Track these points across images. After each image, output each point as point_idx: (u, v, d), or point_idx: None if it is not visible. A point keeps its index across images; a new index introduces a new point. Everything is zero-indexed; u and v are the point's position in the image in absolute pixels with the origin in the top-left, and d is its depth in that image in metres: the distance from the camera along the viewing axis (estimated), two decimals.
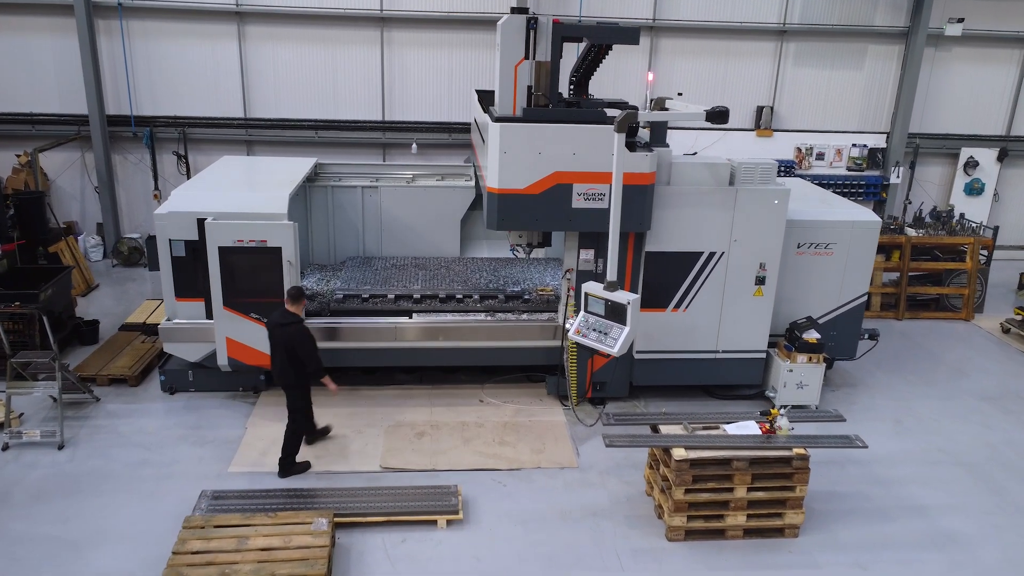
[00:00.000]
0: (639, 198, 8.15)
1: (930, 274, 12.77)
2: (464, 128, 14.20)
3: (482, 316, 9.22)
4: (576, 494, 7.59)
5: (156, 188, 13.98)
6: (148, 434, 8.41)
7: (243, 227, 8.28)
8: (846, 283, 9.48)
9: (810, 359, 9.12)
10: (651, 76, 7.70)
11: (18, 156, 13.55)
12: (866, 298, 9.62)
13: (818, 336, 9.11)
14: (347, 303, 9.23)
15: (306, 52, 13.80)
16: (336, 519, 6.76)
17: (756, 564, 6.72)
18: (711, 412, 7.43)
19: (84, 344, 10.53)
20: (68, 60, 13.36)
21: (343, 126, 14.19)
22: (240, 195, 8.97)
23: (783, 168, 14.08)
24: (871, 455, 8.26)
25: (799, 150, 14.82)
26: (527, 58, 8.18)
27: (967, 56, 14.78)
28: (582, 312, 7.97)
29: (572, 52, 9.19)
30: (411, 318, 9.10)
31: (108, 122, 13.70)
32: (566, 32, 8.26)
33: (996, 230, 13.43)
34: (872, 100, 14.90)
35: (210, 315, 8.64)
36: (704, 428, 7.16)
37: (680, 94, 13.33)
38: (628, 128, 7.38)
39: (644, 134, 8.96)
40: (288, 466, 7.70)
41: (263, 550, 6.23)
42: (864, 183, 14.93)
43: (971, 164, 15.18)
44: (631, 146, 8.00)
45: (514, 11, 9.69)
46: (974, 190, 15.30)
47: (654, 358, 9.09)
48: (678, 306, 8.94)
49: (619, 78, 14.08)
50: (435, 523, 7.00)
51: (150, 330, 10.46)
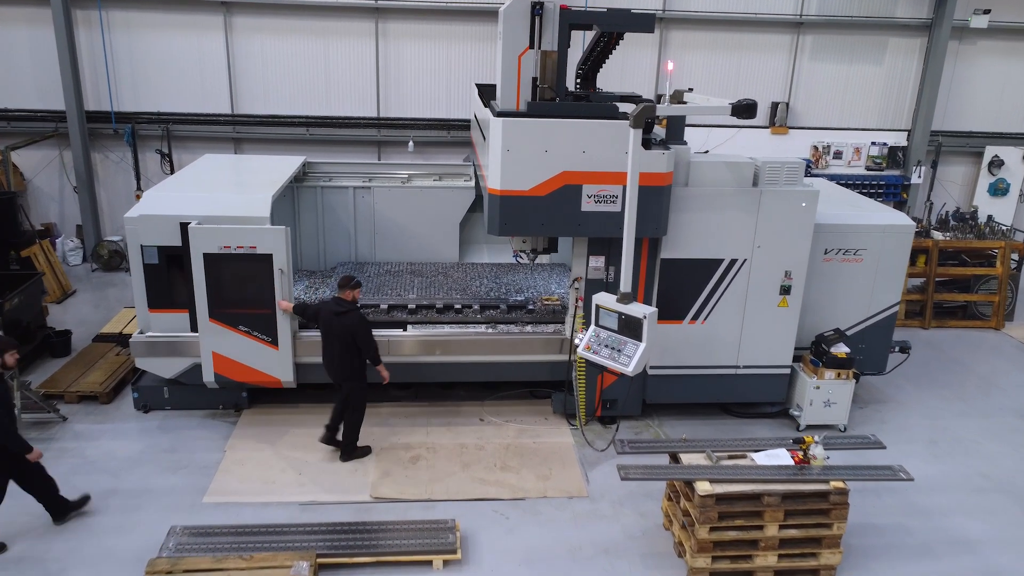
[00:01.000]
0: (655, 200, 7.43)
1: (956, 280, 12.06)
2: (464, 125, 13.47)
3: (483, 328, 8.49)
4: (586, 528, 6.87)
5: (139, 188, 13.25)
6: (117, 458, 7.69)
7: (230, 232, 7.59)
8: (876, 292, 8.77)
9: (838, 375, 8.40)
10: (671, 65, 6.96)
11: None
12: (898, 308, 8.90)
13: (847, 350, 8.40)
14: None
15: (297, 45, 13.07)
16: (319, 560, 6.05)
17: None
18: (737, 439, 6.71)
19: (56, 356, 9.81)
20: (44, 53, 12.64)
21: (336, 123, 13.47)
22: (219, 197, 8.24)
23: None
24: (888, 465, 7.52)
25: (816, 148, 14.10)
26: (532, 47, 7.45)
27: (993, 49, 14.06)
28: (592, 326, 7.25)
29: (577, 43, 8.46)
30: (406, 330, 8.37)
31: (87, 118, 12.98)
32: (574, 19, 7.55)
33: None
34: (892, 96, 14.17)
35: (194, 327, 7.95)
36: (730, 457, 6.44)
37: (691, 89, 12.58)
38: (644, 124, 6.68)
39: (659, 131, 8.23)
40: (351, 451, 7.71)
41: None
42: (884, 183, 14.21)
43: (996, 163, 14.46)
44: (646, 143, 7.28)
45: None
46: (999, 191, 14.58)
47: (669, 374, 8.37)
48: (696, 318, 8.22)
49: (626, 72, 13.37)
50: (430, 564, 6.28)
51: (126, 341, 9.69)
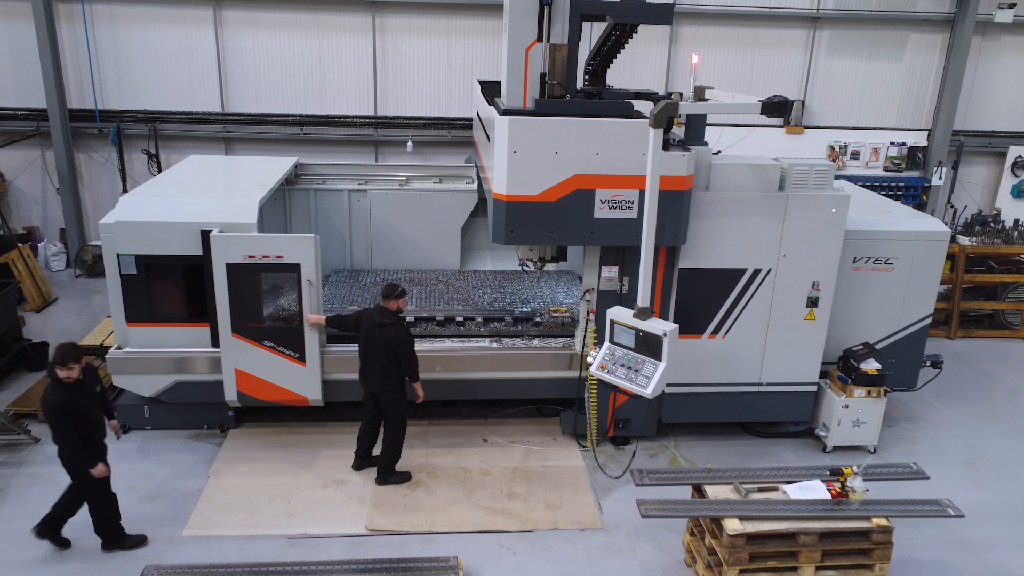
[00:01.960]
0: (674, 206, 6.85)
1: (981, 287, 11.47)
2: (465, 124, 12.88)
3: (487, 342, 7.91)
4: (601, 565, 6.28)
5: (125, 190, 12.64)
6: None
7: (255, 240, 7.07)
8: (908, 303, 8.19)
9: (869, 393, 7.82)
10: (695, 59, 6.39)
11: None
12: (930, 320, 8.32)
13: (878, 366, 7.82)
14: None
15: (290, 40, 12.47)
16: None
17: None
18: (767, 468, 6.13)
19: (32, 370, 9.23)
20: (24, 48, 12.03)
21: (331, 122, 12.86)
22: (202, 201, 7.67)
23: None
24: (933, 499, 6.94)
25: (832, 148, 13.51)
26: (540, 40, 6.87)
27: (1018, 46, 13.46)
28: (607, 343, 6.67)
29: (585, 37, 7.88)
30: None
31: (70, 117, 12.36)
32: (587, 10, 6.97)
33: None
34: (912, 94, 13.58)
35: (216, 343, 7.41)
36: (760, 490, 5.87)
37: (695, 87, 12.03)
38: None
39: (676, 131, 7.65)
40: (387, 473, 7.20)
41: None
42: (903, 185, 13.61)
43: (1020, 164, 13.86)
44: (664, 144, 6.68)
45: None
46: (1022, 193, 13.99)
47: (687, 392, 7.79)
48: (716, 332, 7.64)
49: (635, 69, 12.78)
50: None
51: (106, 353, 9.14)
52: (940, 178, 13.57)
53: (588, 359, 6.79)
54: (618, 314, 6.56)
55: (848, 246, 7.71)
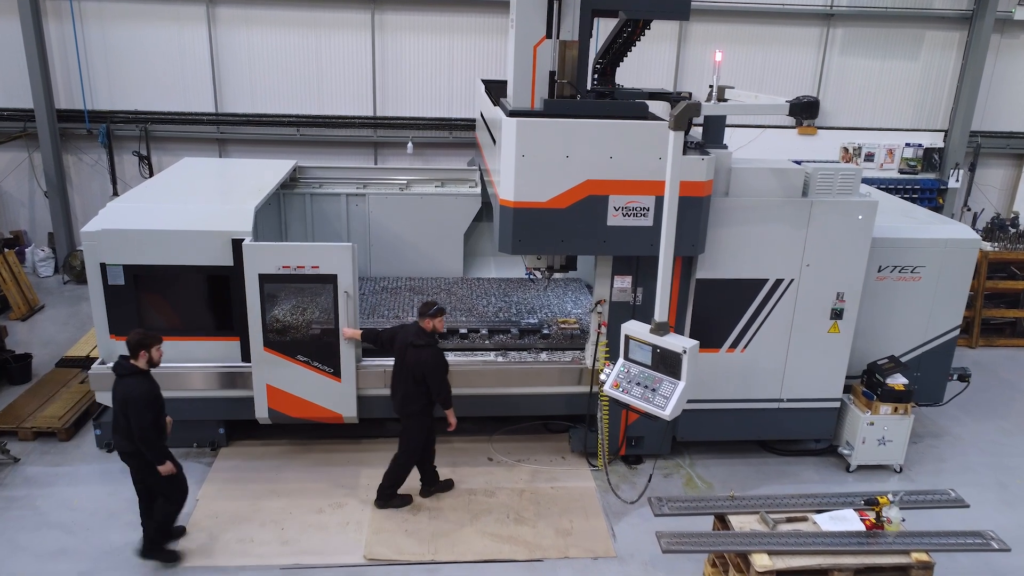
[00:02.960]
0: (692, 213, 6.43)
1: (1003, 294, 11.07)
2: (467, 125, 12.45)
3: (491, 356, 7.49)
4: None
5: (115, 193, 12.22)
6: (72, 509, 6.69)
7: (290, 250, 6.69)
8: (935, 314, 7.79)
9: (895, 409, 7.41)
10: (719, 56, 5.97)
11: None
12: (958, 332, 7.92)
13: (905, 382, 7.41)
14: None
15: (286, 38, 12.04)
16: None
17: None
18: (794, 496, 5.71)
19: (14, 383, 8.81)
20: (10, 46, 11.59)
21: (329, 123, 12.44)
22: (194, 207, 7.25)
23: None
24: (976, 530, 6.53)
25: (846, 150, 13.10)
26: (549, 37, 6.46)
27: None
28: (621, 360, 6.26)
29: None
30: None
31: (58, 117, 11.93)
32: (598, 4, 6.58)
33: None
34: (928, 94, 13.16)
35: (246, 357, 7.01)
36: (788, 520, 5.45)
37: (712, 86, 11.62)
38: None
39: (693, 133, 7.25)
40: (387, 497, 6.79)
41: None
42: (918, 187, 13.19)
43: None
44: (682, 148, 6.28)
45: None
46: None
47: (704, 408, 7.37)
48: (735, 346, 7.23)
49: (642, 68, 12.35)
50: None
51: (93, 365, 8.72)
52: (957, 180, 13.16)
53: (601, 376, 6.38)
54: (633, 329, 6.15)
55: (873, 254, 7.29)
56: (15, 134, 11.98)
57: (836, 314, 7.20)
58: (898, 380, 7.41)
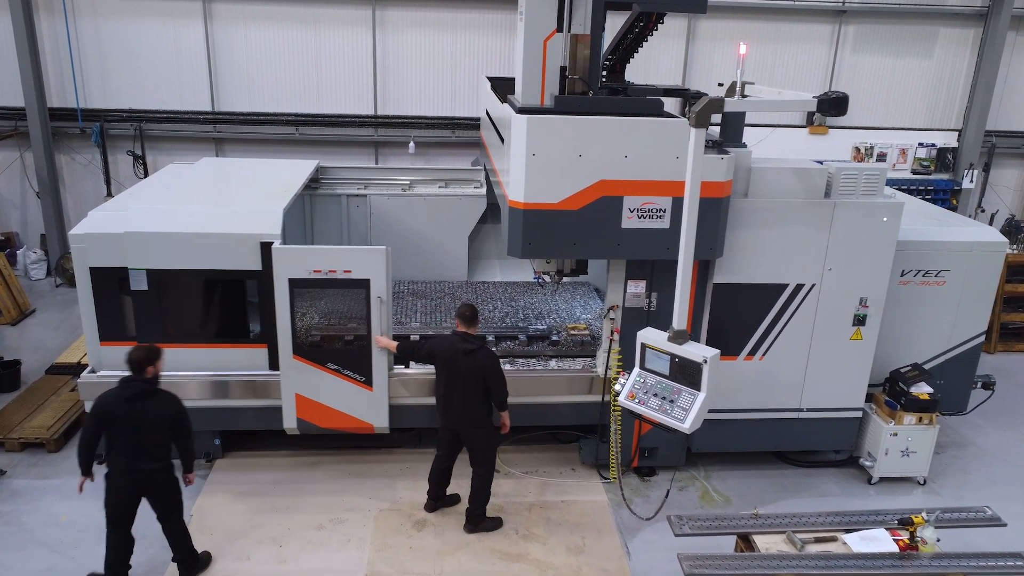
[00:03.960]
0: (711, 215, 6.12)
1: (1019, 298, 10.77)
2: (470, 124, 12.15)
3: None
4: None
5: (109, 193, 11.92)
6: (60, 525, 6.38)
7: (322, 254, 6.43)
8: (960, 320, 7.50)
9: (920, 420, 7.11)
10: (744, 48, 5.67)
11: None
12: (983, 339, 7.62)
13: (930, 391, 7.11)
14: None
15: (285, 34, 11.73)
16: None
17: None
18: (821, 514, 5.42)
19: (3, 391, 8.48)
20: (1, 42, 11.28)
21: (328, 121, 12.13)
22: (218, 209, 6.94)
23: None
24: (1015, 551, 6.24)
25: (857, 150, 12.80)
26: (560, 31, 6.16)
27: None
28: (637, 369, 5.95)
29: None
30: (408, 366, 7.04)
31: (50, 116, 11.62)
32: None
33: None
34: (942, 92, 12.87)
35: (274, 365, 6.72)
36: (817, 540, 5.15)
37: (720, 85, 11.33)
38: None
39: (711, 131, 6.93)
40: (477, 519, 6.43)
41: None
42: (931, 188, 12.90)
43: None
44: None
45: None
46: None
47: (720, 418, 7.07)
48: (753, 353, 6.93)
49: (649, 67, 12.05)
50: None
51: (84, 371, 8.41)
52: (971, 181, 12.87)
53: (616, 386, 6.08)
54: (650, 337, 5.84)
55: (896, 258, 6.97)
56: (6, 133, 11.68)
57: (859, 320, 6.91)
58: (923, 389, 7.10)
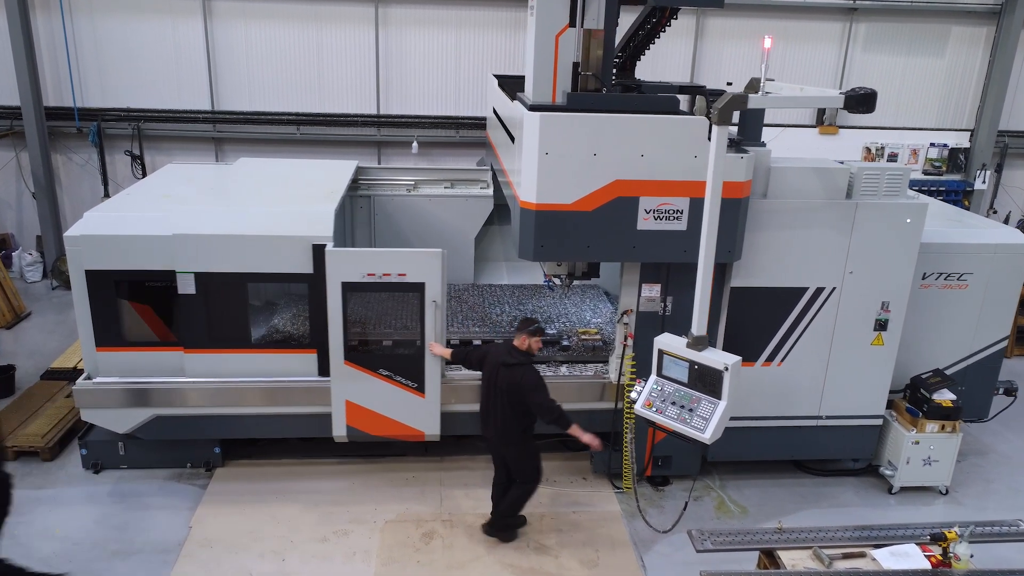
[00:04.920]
0: (730, 216, 5.90)
1: None
2: (474, 124, 11.92)
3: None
4: None
5: (106, 194, 11.68)
6: (55, 538, 6.15)
7: (376, 257, 6.29)
8: (982, 324, 7.29)
9: (942, 427, 6.90)
10: (768, 42, 5.44)
11: None
12: (1006, 344, 7.41)
13: (953, 397, 6.89)
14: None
15: (286, 32, 11.50)
16: None
17: None
18: (848, 528, 5.19)
19: None
20: None
21: (330, 121, 11.90)
22: (266, 210, 6.70)
23: None
24: None
25: (868, 150, 12.59)
26: (572, 25, 5.94)
27: None
28: (654, 376, 5.75)
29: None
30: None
31: (46, 115, 11.37)
32: None
33: None
34: (954, 92, 12.66)
35: (324, 371, 6.57)
36: (844, 556, 4.93)
37: (730, 84, 11.13)
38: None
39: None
40: (500, 527, 6.26)
41: None
42: (943, 189, 12.68)
43: None
44: None
45: None
46: None
47: (737, 426, 6.81)
48: (771, 359, 6.72)
49: (656, 65, 11.82)
50: None
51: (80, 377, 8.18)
52: (983, 182, 12.66)
53: (632, 394, 5.86)
54: (668, 343, 5.64)
55: (917, 261, 6.77)
56: (1, 133, 11.44)
57: (880, 325, 6.69)
58: (945, 396, 6.89)
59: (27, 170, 11.64)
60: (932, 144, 12.68)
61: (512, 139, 6.54)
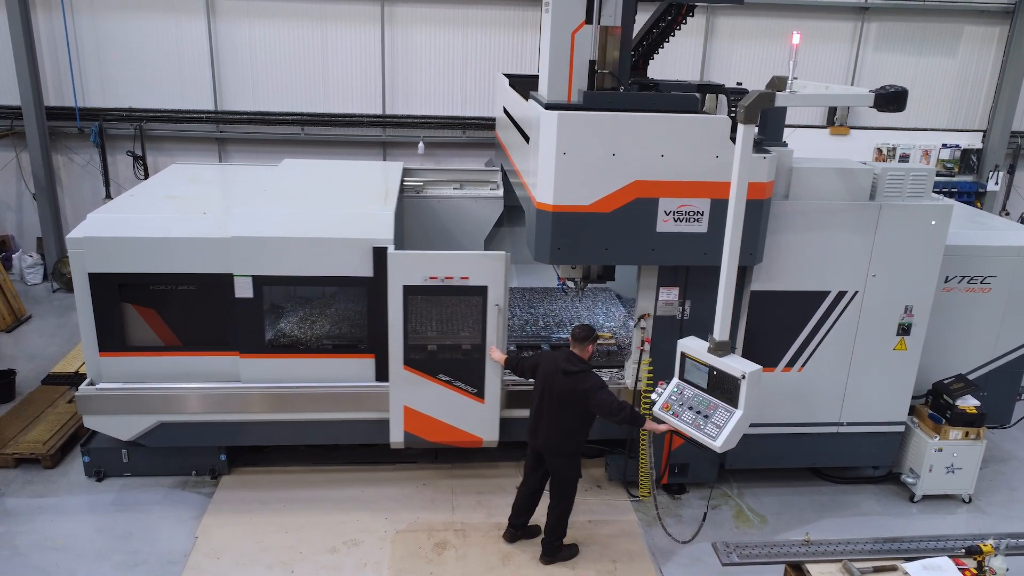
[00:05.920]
0: (752, 218, 5.71)
1: None
2: (482, 124, 11.77)
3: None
4: None
5: (108, 195, 11.53)
6: (56, 548, 5.97)
7: (439, 260, 6.14)
8: (1005, 328, 7.14)
9: (966, 434, 6.74)
10: (797, 38, 5.29)
11: None
12: None
13: (977, 403, 6.74)
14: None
15: (290, 31, 11.35)
16: None
17: None
18: (877, 540, 5.04)
19: None
20: None
21: (335, 121, 11.73)
22: (321, 213, 6.54)
23: None
24: None
25: (879, 151, 12.44)
26: (589, 22, 5.78)
27: None
28: (676, 379, 5.60)
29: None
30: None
31: (47, 115, 11.21)
32: None
33: None
34: (967, 92, 12.52)
35: (382, 376, 6.46)
36: (875, 570, 4.76)
37: (740, 83, 10.98)
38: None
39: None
40: (554, 550, 5.98)
41: None
42: (955, 190, 12.53)
43: None
44: None
45: None
46: None
47: (756, 433, 6.66)
48: (792, 364, 6.56)
49: (665, 65, 11.66)
50: None
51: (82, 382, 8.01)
52: (996, 183, 12.51)
53: (652, 395, 5.71)
54: (691, 347, 5.49)
55: (940, 264, 6.62)
56: (1, 133, 11.27)
57: (903, 329, 6.53)
58: (969, 402, 6.73)
59: (27, 171, 11.48)
60: (944, 145, 12.55)
61: (526, 139, 6.38)
